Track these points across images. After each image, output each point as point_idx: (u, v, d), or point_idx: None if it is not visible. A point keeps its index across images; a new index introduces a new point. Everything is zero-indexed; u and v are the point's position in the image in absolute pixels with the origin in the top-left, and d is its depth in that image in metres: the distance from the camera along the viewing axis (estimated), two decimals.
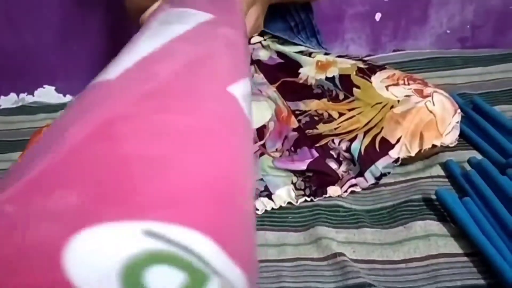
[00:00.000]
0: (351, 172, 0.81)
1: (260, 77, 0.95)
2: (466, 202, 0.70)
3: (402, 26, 1.23)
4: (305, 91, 0.91)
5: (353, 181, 0.80)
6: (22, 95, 1.29)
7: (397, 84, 0.85)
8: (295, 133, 0.86)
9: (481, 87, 1.02)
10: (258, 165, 0.82)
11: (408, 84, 0.85)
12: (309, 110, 0.89)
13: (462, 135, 0.85)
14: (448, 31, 1.23)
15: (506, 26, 1.24)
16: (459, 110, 0.82)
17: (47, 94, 1.29)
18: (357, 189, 0.80)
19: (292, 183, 0.81)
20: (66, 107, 0.47)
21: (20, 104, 1.25)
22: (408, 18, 1.22)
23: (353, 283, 0.62)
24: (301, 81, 0.93)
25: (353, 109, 0.85)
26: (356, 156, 0.80)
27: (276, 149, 0.85)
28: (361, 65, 0.90)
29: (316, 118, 0.87)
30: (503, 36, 1.24)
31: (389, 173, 0.79)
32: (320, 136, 0.84)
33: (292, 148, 0.84)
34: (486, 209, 0.69)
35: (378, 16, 1.22)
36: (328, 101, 0.88)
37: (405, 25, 1.23)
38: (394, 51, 1.23)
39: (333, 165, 0.81)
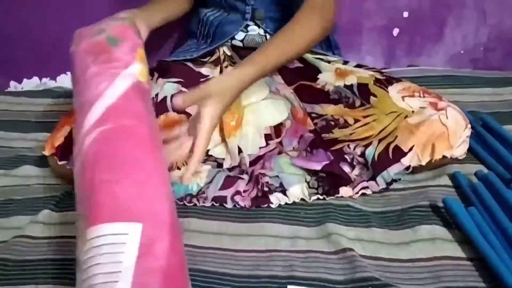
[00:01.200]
0: (363, 176, 0.85)
1: (278, 77, 0.99)
2: (471, 211, 0.74)
3: (418, 43, 1.27)
4: (322, 96, 0.95)
5: (365, 184, 0.84)
6: (44, 80, 1.33)
7: (412, 96, 0.89)
8: (311, 134, 0.90)
9: (490, 107, 1.07)
10: (275, 162, 0.86)
11: (423, 96, 0.89)
12: (326, 115, 0.93)
13: (470, 150, 0.89)
14: (461, 51, 1.28)
15: None
16: (469, 125, 0.87)
17: (69, 80, 1.32)
18: (368, 191, 0.83)
19: (306, 181, 0.85)
20: None
21: (42, 88, 1.29)
22: (424, 36, 1.26)
23: (361, 276, 0.66)
24: (318, 86, 0.97)
25: (368, 116, 0.89)
26: (370, 161, 0.84)
27: (293, 148, 0.89)
28: (379, 76, 0.94)
29: (332, 123, 0.91)
30: None
31: (399, 179, 0.83)
32: (336, 141, 0.88)
33: (309, 149, 0.88)
34: (490, 219, 0.73)
35: (395, 31, 1.26)
36: (345, 107, 0.92)
37: (420, 42, 1.27)
38: (408, 66, 1.27)
39: (346, 168, 0.85)
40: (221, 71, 0.98)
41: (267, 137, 0.90)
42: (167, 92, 0.95)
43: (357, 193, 0.83)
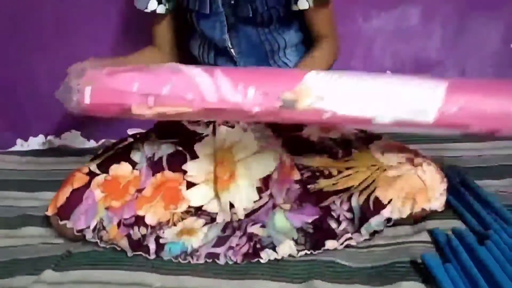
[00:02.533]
0: (348, 229, 0.90)
1: (267, 130, 1.05)
2: (447, 267, 0.79)
3: None
4: (307, 147, 1.01)
5: (349, 235, 0.89)
6: (49, 137, 1.40)
7: (391, 151, 0.96)
8: (298, 186, 0.95)
9: (470, 162, 1.13)
10: (271, 219, 0.91)
11: (401, 152, 0.96)
12: (311, 166, 0.99)
13: (449, 205, 0.95)
14: None
15: None
16: (445, 179, 0.93)
17: (73, 137, 1.39)
18: (353, 242, 0.89)
19: (293, 239, 0.90)
20: None
21: (47, 145, 1.36)
22: None
23: None
24: (304, 136, 1.03)
25: (350, 168, 0.96)
26: (357, 213, 0.90)
27: (283, 200, 0.95)
28: (361, 135, 1.02)
29: (317, 174, 0.97)
30: None
31: (381, 230, 0.89)
32: (322, 193, 0.94)
33: (298, 201, 0.94)
34: (464, 275, 0.78)
35: None
36: (329, 157, 0.99)
37: None
38: None
39: (333, 224, 0.91)
40: (214, 129, 1.03)
41: (259, 190, 0.96)
42: (163, 153, 1.02)
43: (342, 244, 0.89)
